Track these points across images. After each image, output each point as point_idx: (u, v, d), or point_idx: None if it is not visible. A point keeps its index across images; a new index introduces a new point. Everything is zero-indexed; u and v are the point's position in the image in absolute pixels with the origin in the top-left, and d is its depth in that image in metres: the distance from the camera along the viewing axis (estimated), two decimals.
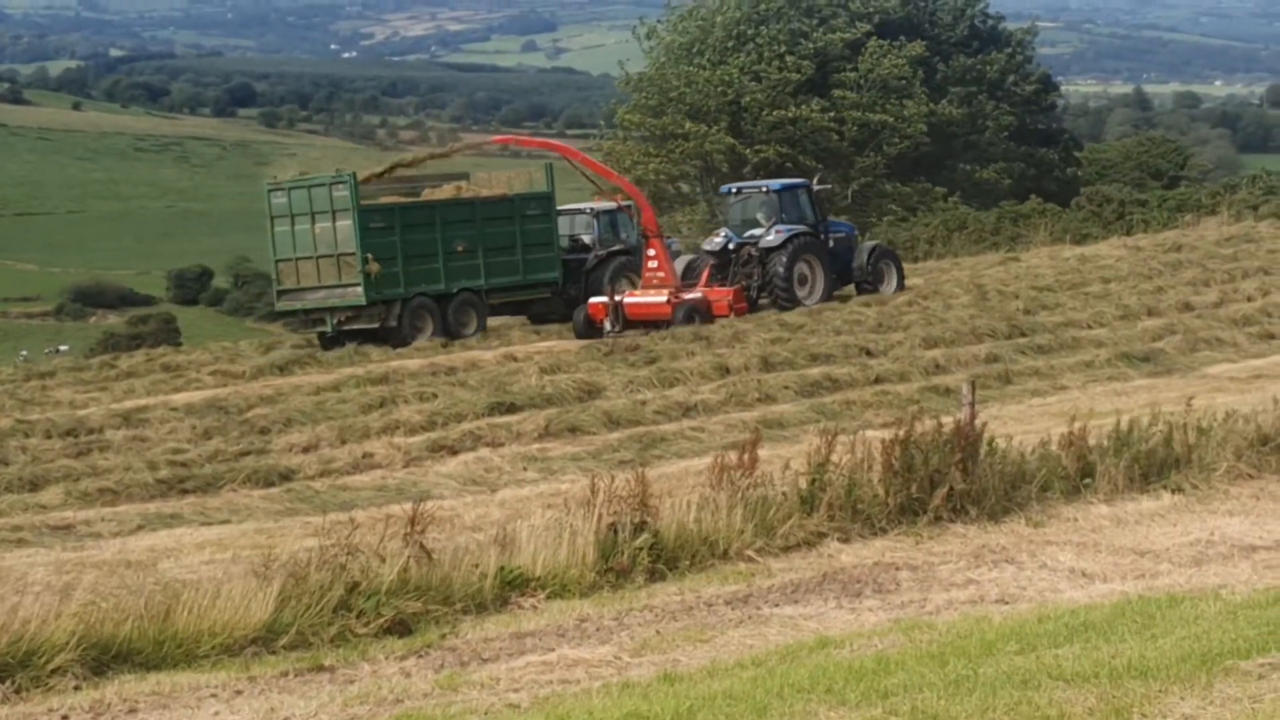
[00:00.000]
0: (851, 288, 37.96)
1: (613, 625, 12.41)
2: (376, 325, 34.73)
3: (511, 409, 25.13)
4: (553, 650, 11.65)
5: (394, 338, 34.48)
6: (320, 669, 11.57)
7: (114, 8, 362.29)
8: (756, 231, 36.66)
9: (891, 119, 65.30)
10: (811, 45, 66.05)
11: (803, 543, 14.61)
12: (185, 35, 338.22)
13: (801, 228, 36.67)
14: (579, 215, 39.32)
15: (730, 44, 66.49)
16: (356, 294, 34.53)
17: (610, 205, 38.74)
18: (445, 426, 24.16)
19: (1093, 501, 15.97)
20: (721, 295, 34.93)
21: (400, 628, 12.46)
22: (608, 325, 34.44)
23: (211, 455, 22.73)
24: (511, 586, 13.26)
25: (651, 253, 35.43)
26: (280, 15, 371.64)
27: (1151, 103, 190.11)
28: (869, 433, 17.27)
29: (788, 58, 64.96)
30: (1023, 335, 30.78)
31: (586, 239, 38.57)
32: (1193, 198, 55.79)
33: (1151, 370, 28.19)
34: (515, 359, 30.76)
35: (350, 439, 23.57)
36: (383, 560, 12.94)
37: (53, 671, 11.27)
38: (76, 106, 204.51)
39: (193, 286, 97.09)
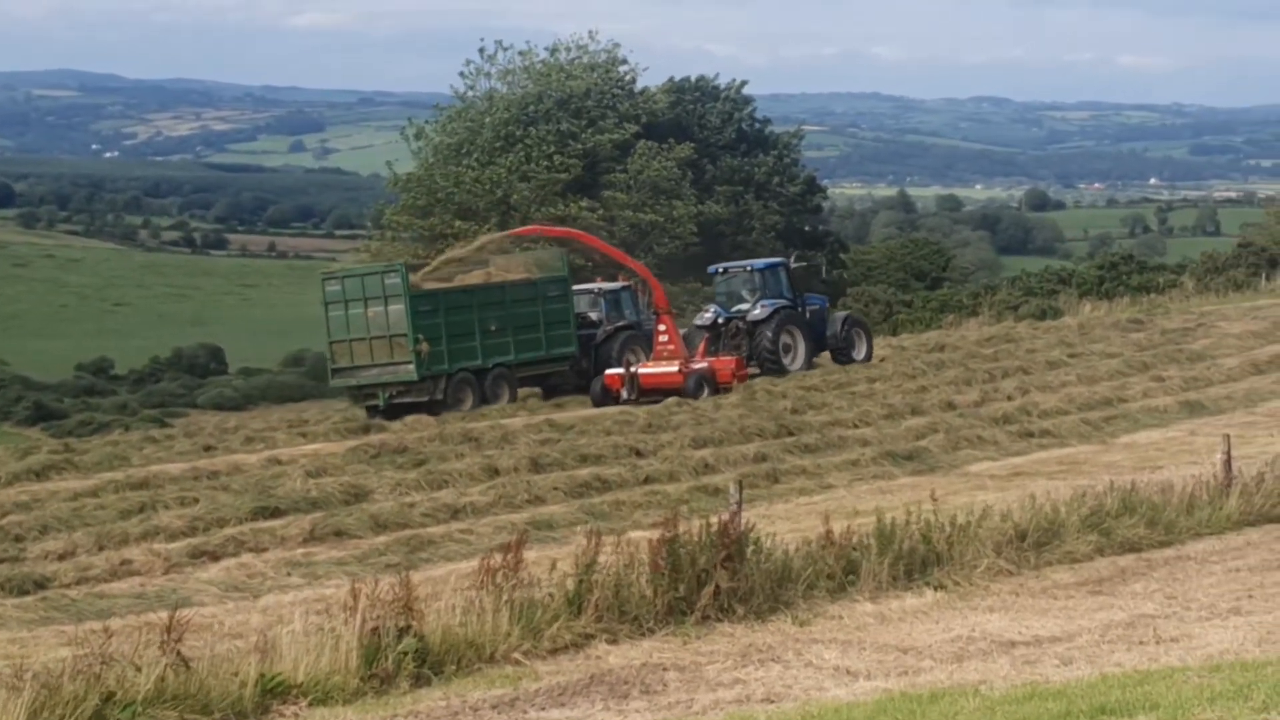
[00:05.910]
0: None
1: None
2: (426, 399, 38.04)
3: (275, 513, 24.75)
4: None
5: (440, 409, 37.28)
6: None
7: None
8: (743, 306, 40.32)
9: (661, 219, 65.92)
10: (580, 146, 66.50)
11: (570, 645, 14.52)
12: None
13: (783, 301, 40.41)
14: (586, 294, 42.38)
15: (499, 145, 66.69)
16: (408, 371, 38.36)
17: (615, 285, 43.12)
18: (207, 532, 23.70)
19: (858, 599, 16.09)
20: (726, 364, 38.22)
21: None
22: (624, 394, 37.51)
23: None
24: (273, 694, 12.98)
25: (662, 327, 38.96)
26: (40, 114, 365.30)
27: (915, 205, 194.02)
28: (638, 533, 17.25)
29: (556, 158, 65.33)
30: (790, 434, 31.04)
31: (594, 316, 42.32)
32: (955, 298, 57.13)
33: (915, 469, 28.54)
34: (280, 462, 30.34)
35: (108, 546, 22.99)
36: (139, 670, 12.62)
37: None
38: None
39: None
